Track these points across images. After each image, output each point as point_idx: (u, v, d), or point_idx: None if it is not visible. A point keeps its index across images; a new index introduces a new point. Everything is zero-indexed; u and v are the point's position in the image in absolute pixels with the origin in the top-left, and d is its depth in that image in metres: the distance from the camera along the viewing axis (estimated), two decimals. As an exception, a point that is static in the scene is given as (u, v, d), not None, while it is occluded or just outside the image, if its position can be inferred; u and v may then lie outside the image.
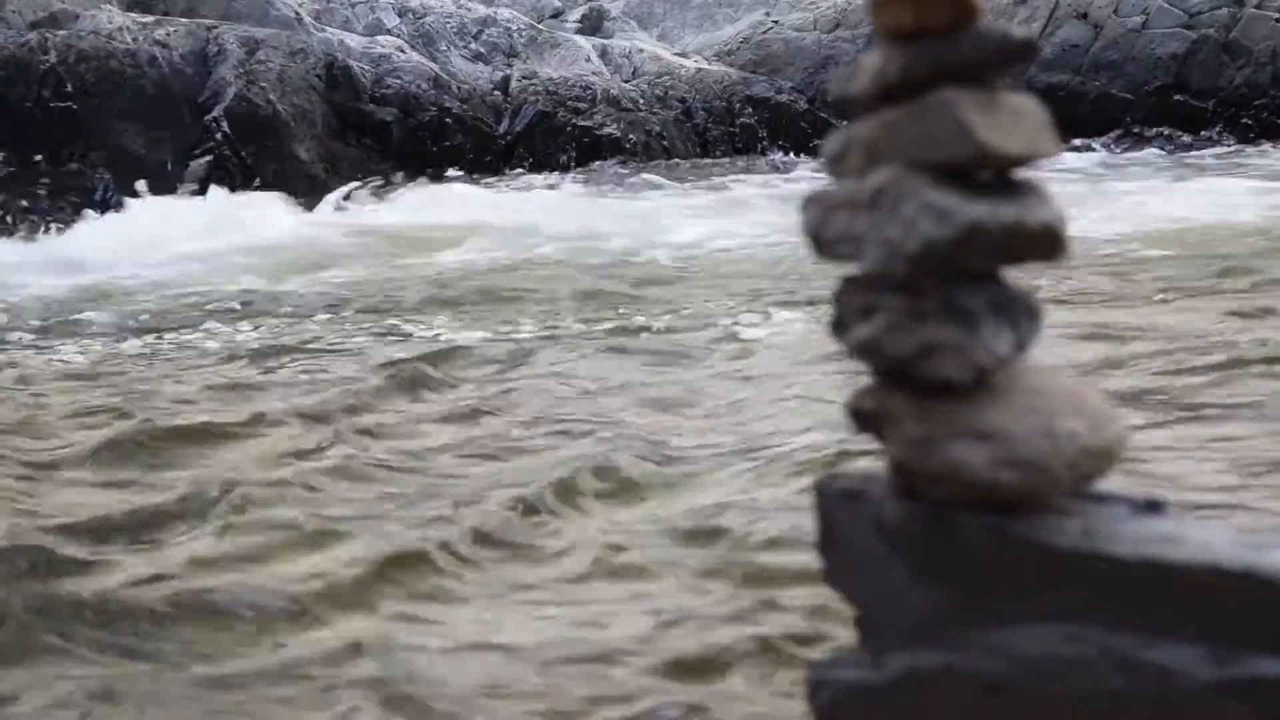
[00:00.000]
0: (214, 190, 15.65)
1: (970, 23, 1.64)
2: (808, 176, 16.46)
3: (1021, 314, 1.69)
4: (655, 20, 24.30)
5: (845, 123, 1.76)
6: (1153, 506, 1.70)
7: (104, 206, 15.40)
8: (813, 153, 18.50)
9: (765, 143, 20.27)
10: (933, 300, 1.65)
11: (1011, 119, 1.64)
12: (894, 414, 1.70)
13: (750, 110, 20.66)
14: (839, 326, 1.73)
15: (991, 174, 1.66)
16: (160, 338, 9.27)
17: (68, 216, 14.91)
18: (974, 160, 1.63)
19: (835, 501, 1.79)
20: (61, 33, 17.26)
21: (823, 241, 1.73)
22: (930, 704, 1.69)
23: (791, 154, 19.91)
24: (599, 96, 19.85)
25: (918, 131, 1.64)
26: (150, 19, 18.18)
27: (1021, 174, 1.68)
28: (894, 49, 1.68)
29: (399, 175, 17.51)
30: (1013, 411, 1.66)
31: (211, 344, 8.97)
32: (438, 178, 17.52)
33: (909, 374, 1.68)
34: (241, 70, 17.47)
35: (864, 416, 1.74)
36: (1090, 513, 1.68)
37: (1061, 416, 1.66)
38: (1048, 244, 1.67)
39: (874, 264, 1.67)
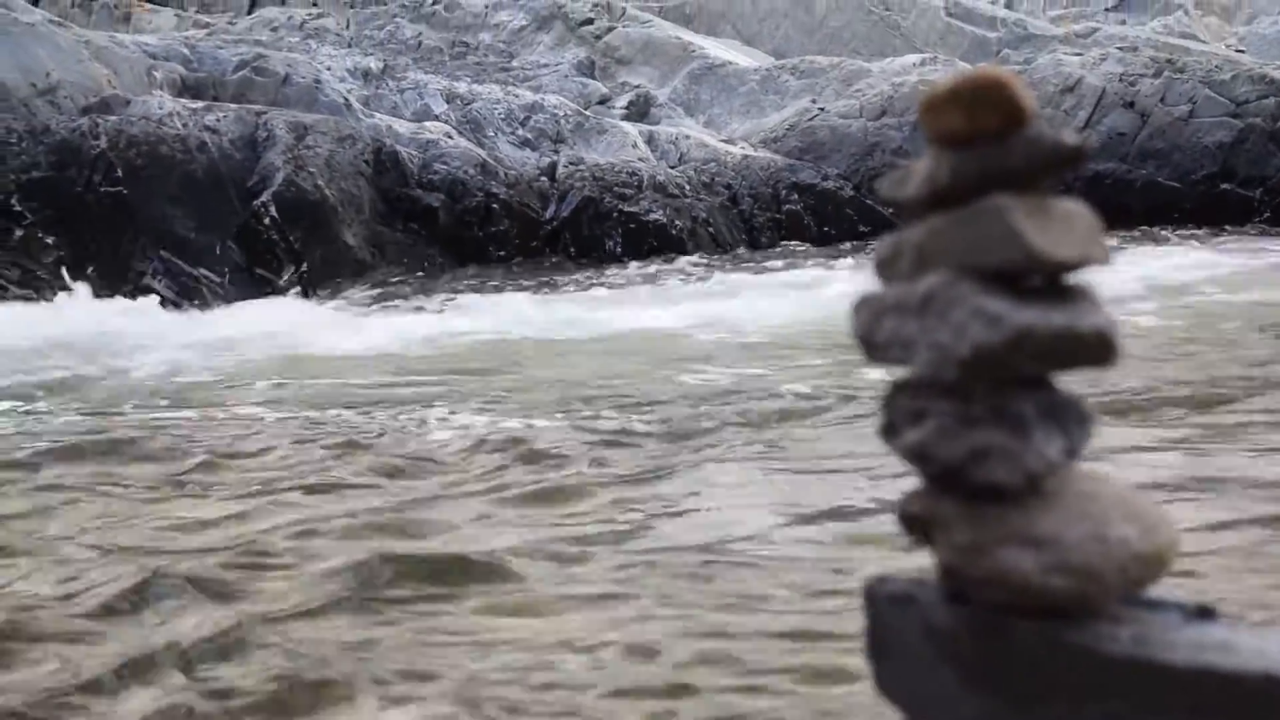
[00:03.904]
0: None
1: (1022, 128, 1.64)
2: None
3: (1073, 419, 1.68)
4: (702, 107, 24.44)
5: (890, 210, 1.77)
6: (1205, 613, 1.69)
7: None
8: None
9: (811, 229, 20.27)
10: (983, 405, 1.65)
11: (1062, 225, 1.64)
12: (944, 519, 1.69)
13: (796, 196, 20.70)
14: (889, 431, 1.73)
15: (1042, 279, 1.66)
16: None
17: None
18: (1025, 266, 1.62)
19: (884, 605, 1.78)
20: (112, 118, 17.44)
21: (873, 345, 1.72)
22: (980, 813, 1.67)
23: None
24: (645, 182, 19.91)
25: (968, 237, 1.64)
26: (200, 105, 18.36)
27: (1072, 279, 1.68)
28: (944, 154, 1.68)
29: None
30: (1064, 517, 1.65)
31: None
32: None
33: (959, 479, 1.67)
34: (290, 155, 17.60)
35: (913, 520, 1.74)
36: (1142, 619, 1.67)
37: (1113, 522, 1.65)
38: (1099, 349, 1.66)
39: (924, 368, 1.67)
